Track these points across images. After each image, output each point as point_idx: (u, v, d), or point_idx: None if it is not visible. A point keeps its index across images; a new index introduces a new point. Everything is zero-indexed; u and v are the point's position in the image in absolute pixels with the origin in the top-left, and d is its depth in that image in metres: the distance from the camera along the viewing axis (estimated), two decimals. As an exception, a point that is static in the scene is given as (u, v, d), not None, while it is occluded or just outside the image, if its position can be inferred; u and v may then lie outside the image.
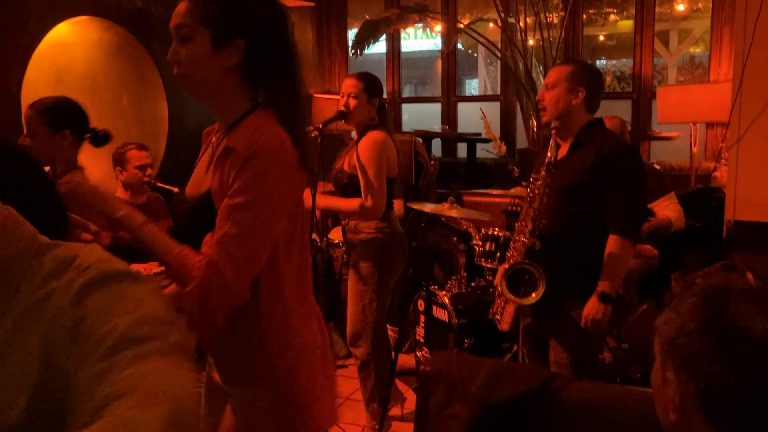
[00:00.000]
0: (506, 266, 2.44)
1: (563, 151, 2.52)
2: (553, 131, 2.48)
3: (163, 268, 1.46)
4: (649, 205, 3.48)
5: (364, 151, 2.94)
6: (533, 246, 2.41)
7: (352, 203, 2.95)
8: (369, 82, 3.02)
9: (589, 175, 2.39)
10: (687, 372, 0.97)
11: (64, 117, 2.41)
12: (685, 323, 0.99)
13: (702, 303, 0.99)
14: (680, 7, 6.23)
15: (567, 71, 2.49)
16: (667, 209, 3.57)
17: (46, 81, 3.63)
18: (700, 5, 6.07)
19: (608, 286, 2.36)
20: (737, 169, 3.25)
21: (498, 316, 2.65)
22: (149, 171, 3.47)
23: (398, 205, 3.75)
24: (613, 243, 2.38)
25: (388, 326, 4.17)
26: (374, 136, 2.97)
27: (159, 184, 3.44)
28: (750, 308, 0.96)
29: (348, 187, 2.99)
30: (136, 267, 3.24)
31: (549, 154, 2.41)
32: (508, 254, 2.57)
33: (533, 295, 2.36)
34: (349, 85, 3.02)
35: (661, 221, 3.55)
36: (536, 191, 2.43)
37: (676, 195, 3.94)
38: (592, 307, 2.37)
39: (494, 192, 4.69)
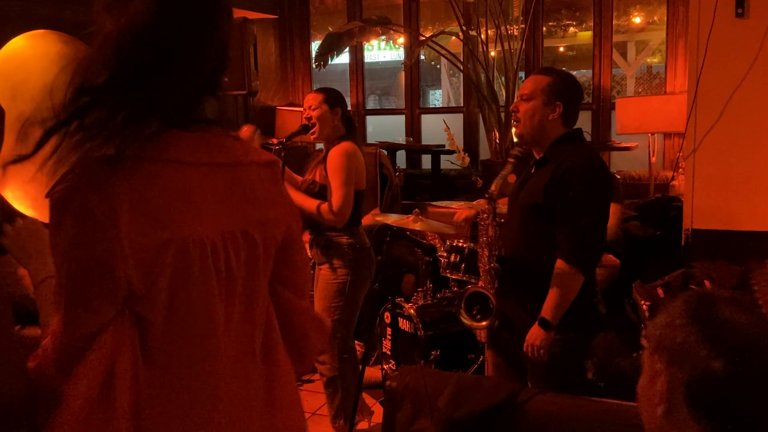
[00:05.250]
0: (467, 289, 2.43)
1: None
2: (510, 159, 2.42)
3: None
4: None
5: (334, 159, 2.98)
6: (496, 270, 2.39)
7: (315, 202, 2.97)
8: (329, 94, 3.07)
9: (544, 195, 2.28)
10: (675, 362, 1.00)
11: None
12: (674, 320, 1.03)
13: (689, 302, 1.04)
14: (637, 20, 6.36)
15: (544, 83, 2.35)
16: None
17: (1, 96, 3.55)
18: (655, 18, 6.21)
19: (549, 313, 2.22)
20: (694, 179, 3.32)
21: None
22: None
23: (370, 218, 3.74)
24: (558, 269, 2.23)
25: (356, 341, 4.15)
26: (345, 146, 3.01)
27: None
28: (733, 309, 1.01)
29: (320, 197, 3.02)
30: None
31: (492, 188, 2.36)
32: (481, 282, 2.51)
33: (484, 323, 2.36)
34: (309, 98, 3.08)
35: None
36: (486, 222, 2.40)
37: (635, 205, 4.00)
38: (532, 333, 2.24)
39: (458, 203, 4.71)
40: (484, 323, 2.32)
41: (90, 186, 1.01)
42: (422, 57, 5.88)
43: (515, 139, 4.76)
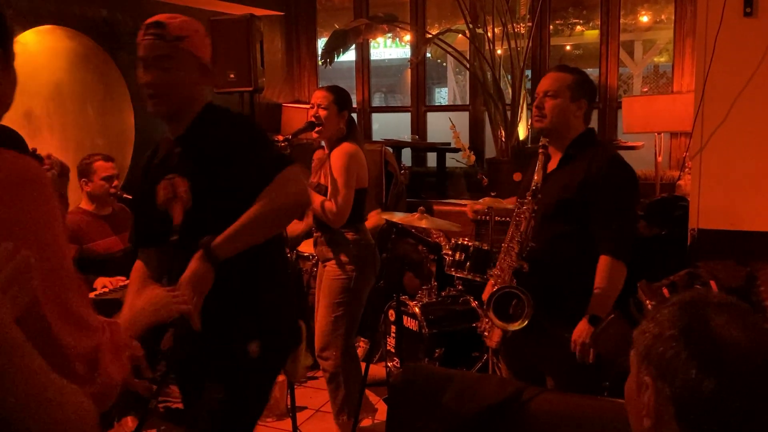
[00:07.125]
0: (494, 289, 2.34)
1: (554, 163, 2.43)
2: (540, 150, 2.39)
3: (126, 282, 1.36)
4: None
5: (336, 160, 2.99)
6: (521, 268, 2.33)
7: (317, 197, 2.98)
8: (339, 95, 3.06)
9: (578, 192, 2.30)
10: (663, 377, 0.98)
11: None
12: (663, 331, 1.00)
13: (679, 312, 1.01)
14: (644, 18, 6.35)
15: (569, 80, 2.40)
16: None
17: (8, 91, 3.57)
18: (663, 17, 6.19)
19: (599, 309, 2.26)
20: (700, 178, 3.31)
21: (486, 333, 2.54)
22: (116, 182, 3.42)
23: (375, 217, 3.76)
24: (604, 264, 2.27)
25: (360, 338, 4.15)
26: (346, 147, 3.03)
27: (125, 195, 3.39)
28: (725, 319, 0.98)
29: None
30: (102, 281, 3.12)
31: (536, 178, 2.32)
32: (495, 271, 2.46)
33: (518, 322, 2.26)
34: (319, 96, 3.05)
35: None
36: (522, 216, 2.34)
37: (641, 204, 3.99)
38: (582, 331, 2.27)
39: (463, 201, 4.71)
40: (518, 323, 2.25)
41: None
42: (428, 55, 5.88)
43: (521, 137, 4.75)
